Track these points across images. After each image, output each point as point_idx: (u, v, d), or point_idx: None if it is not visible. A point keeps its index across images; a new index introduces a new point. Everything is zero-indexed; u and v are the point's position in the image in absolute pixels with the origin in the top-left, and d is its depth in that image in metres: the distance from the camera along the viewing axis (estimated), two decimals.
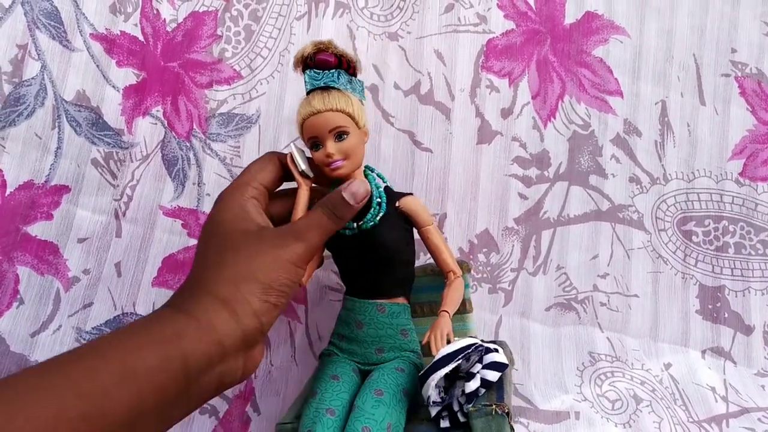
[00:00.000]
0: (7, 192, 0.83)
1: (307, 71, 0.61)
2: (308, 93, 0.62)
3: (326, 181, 0.62)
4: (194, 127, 0.86)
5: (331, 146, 0.59)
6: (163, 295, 0.83)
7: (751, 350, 0.86)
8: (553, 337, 0.86)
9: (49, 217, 0.83)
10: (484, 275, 0.86)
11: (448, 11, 0.86)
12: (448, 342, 0.57)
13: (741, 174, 0.89)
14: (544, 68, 0.87)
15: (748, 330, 0.86)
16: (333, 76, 0.60)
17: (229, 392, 0.81)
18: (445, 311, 0.61)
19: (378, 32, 0.86)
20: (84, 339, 0.81)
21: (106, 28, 0.86)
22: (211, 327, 0.41)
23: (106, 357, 0.37)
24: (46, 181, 0.83)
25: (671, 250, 0.88)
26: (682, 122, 0.88)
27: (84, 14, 0.86)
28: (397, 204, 0.63)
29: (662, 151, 0.88)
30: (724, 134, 0.89)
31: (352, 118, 0.60)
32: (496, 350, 0.57)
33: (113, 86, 0.86)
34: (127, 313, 0.82)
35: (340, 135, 0.59)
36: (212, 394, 0.45)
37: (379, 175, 0.66)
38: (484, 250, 0.86)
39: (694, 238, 0.88)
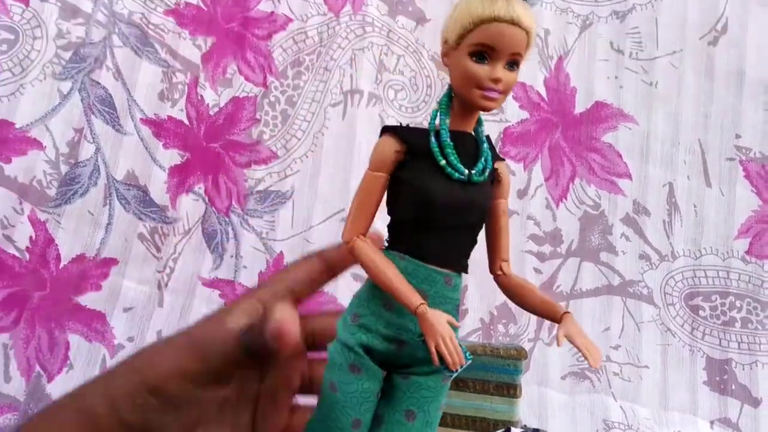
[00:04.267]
0: (61, 265, 0.90)
1: None
2: None
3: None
4: (233, 203, 0.93)
5: (502, 71, 0.47)
6: None
7: (759, 423, 0.90)
8: (569, 404, 0.90)
9: (98, 288, 0.90)
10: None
11: None
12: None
13: (747, 252, 0.93)
14: (556, 153, 0.93)
15: (755, 402, 0.90)
16: None
17: None
18: (569, 312, 0.46)
19: (405, 121, 0.94)
20: None
21: (155, 113, 0.94)
22: None
23: None
24: (96, 254, 0.91)
25: (679, 324, 0.93)
26: (689, 203, 0.94)
27: (135, 100, 0.94)
28: (496, 165, 0.51)
29: (670, 230, 0.94)
30: (730, 214, 0.94)
31: (528, 49, 0.49)
32: None
33: (160, 166, 0.94)
34: None
35: (513, 63, 0.48)
36: None
37: (481, 121, 0.52)
38: (503, 321, 0.91)
39: (701, 312, 0.93)
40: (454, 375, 0.45)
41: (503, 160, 0.51)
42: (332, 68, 0.95)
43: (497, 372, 0.70)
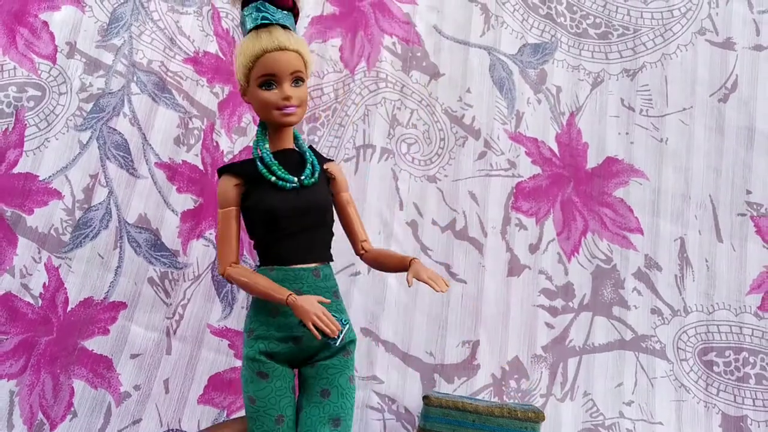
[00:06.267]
0: (69, 308, 0.89)
1: (259, 3, 0.59)
2: (255, 28, 0.59)
3: None
4: (244, 253, 0.93)
5: (290, 89, 0.58)
6: (209, 412, 0.87)
7: None
8: None
9: (106, 332, 0.89)
10: (515, 401, 0.89)
11: (482, 158, 0.95)
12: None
13: (760, 308, 0.93)
14: (568, 208, 0.94)
15: None
16: (289, 16, 0.60)
17: None
18: (416, 258, 0.59)
19: (418, 175, 0.95)
20: None
21: (170, 158, 0.95)
22: None
23: None
24: (104, 298, 0.90)
25: (693, 380, 0.92)
26: (701, 258, 0.94)
27: (150, 145, 0.95)
28: (325, 166, 0.63)
29: (682, 285, 0.93)
30: (741, 270, 0.94)
31: (306, 66, 0.60)
32: None
33: (172, 210, 0.94)
34: (172, 430, 0.86)
35: (297, 80, 0.59)
36: None
37: (297, 135, 0.63)
38: (515, 376, 0.90)
39: (715, 368, 0.92)
40: (338, 342, 0.54)
41: (332, 160, 0.65)
42: (346, 124, 0.96)
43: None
